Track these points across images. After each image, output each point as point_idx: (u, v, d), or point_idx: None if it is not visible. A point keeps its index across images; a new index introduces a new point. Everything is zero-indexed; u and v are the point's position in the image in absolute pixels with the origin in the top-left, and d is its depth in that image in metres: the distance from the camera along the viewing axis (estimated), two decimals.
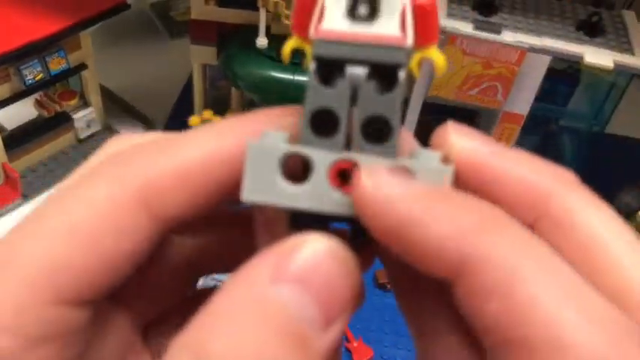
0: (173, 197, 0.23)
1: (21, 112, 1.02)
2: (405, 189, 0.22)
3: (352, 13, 0.25)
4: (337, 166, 0.24)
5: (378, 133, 0.24)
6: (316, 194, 0.24)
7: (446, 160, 0.26)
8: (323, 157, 0.24)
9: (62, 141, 1.05)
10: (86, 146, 1.06)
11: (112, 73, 1.16)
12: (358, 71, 0.24)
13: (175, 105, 1.17)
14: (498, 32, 0.89)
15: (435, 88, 0.95)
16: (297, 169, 0.25)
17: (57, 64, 0.95)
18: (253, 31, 0.89)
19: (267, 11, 0.86)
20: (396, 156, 0.24)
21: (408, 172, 0.24)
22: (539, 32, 0.92)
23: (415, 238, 0.21)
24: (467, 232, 0.21)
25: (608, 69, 0.88)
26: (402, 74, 0.24)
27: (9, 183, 0.97)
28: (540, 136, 1.08)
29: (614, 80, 0.94)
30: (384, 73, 0.24)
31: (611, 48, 0.91)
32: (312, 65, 0.25)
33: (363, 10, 0.25)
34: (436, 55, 0.27)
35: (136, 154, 0.24)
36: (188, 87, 1.15)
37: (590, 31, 0.93)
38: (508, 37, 0.89)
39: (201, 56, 0.95)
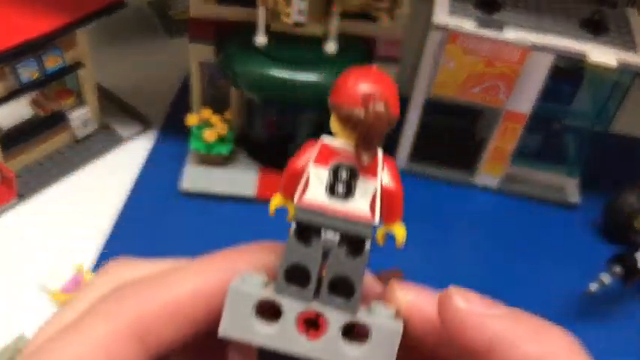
0: (163, 329, 0.28)
1: (17, 111, 1.00)
2: (494, 309, 0.29)
3: (331, 190, 0.31)
4: (305, 315, 0.29)
5: (343, 289, 0.29)
6: (285, 337, 0.28)
7: (397, 314, 0.31)
8: (293, 306, 0.29)
9: (58, 140, 1.03)
10: (83, 146, 1.05)
11: (108, 71, 1.15)
12: (331, 237, 0.30)
13: (173, 104, 1.16)
14: (501, 30, 0.88)
15: (437, 87, 0.94)
16: (270, 306, 0.29)
17: (53, 62, 0.93)
18: (252, 29, 0.88)
19: (266, 9, 0.85)
20: (356, 312, 0.29)
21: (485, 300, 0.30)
22: (542, 30, 0.91)
23: (504, 353, 0.27)
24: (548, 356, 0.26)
25: (612, 67, 0.87)
26: (367, 245, 0.30)
27: (5, 183, 0.96)
28: (543, 135, 1.07)
29: (618, 79, 0.93)
30: (353, 242, 0.30)
31: (615, 46, 0.90)
32: (293, 226, 0.30)
33: (340, 189, 0.31)
34: (398, 231, 0.32)
35: (130, 291, 0.29)
36: (186, 86, 1.14)
37: (594, 29, 0.92)
38: (511, 35, 0.88)
39: (199, 54, 0.94)
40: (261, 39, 0.88)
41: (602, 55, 0.88)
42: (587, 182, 1.08)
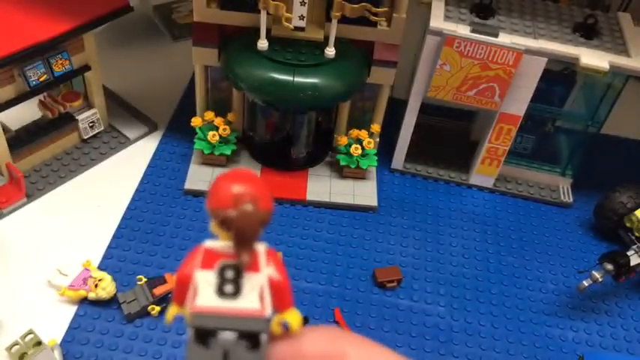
0: None
1: (25, 113, 1.03)
2: None
3: (220, 290, 0.32)
4: None
5: None
6: None
7: None
8: None
9: (66, 142, 1.06)
10: (90, 147, 1.07)
11: (115, 74, 1.18)
12: (228, 336, 0.31)
13: (178, 106, 1.18)
14: (495, 35, 0.90)
15: (434, 90, 0.97)
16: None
17: (61, 65, 0.96)
18: (254, 33, 0.91)
19: (268, 14, 0.88)
20: None
21: None
22: (535, 34, 0.93)
23: None
24: None
25: (604, 71, 0.89)
26: (264, 337, 0.31)
27: (13, 183, 0.98)
28: (537, 136, 1.09)
29: (610, 81, 0.95)
30: (250, 337, 0.31)
31: (607, 50, 0.92)
32: (190, 332, 0.31)
33: (228, 288, 0.32)
34: (291, 318, 0.33)
35: None
36: (190, 88, 1.16)
37: (586, 33, 0.94)
38: (505, 39, 0.91)
39: (203, 58, 0.96)
40: (262, 43, 0.91)
41: (594, 58, 0.90)
42: (579, 182, 1.10)
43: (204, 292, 0.31)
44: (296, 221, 1.00)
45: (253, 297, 0.32)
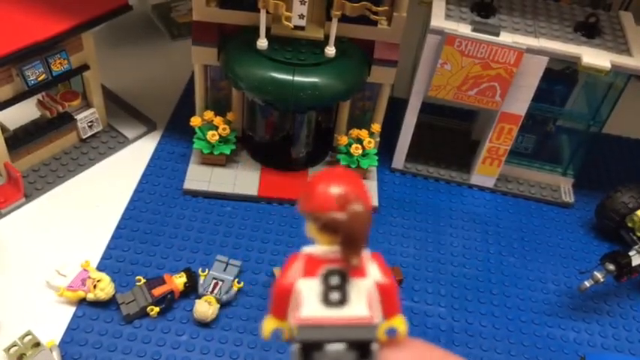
0: None
1: (23, 113, 1.02)
2: None
3: (326, 299, 0.30)
4: None
5: None
6: None
7: None
8: None
9: (64, 141, 1.05)
10: (88, 146, 1.07)
11: (113, 74, 1.17)
12: (337, 347, 0.29)
13: (177, 106, 1.18)
14: (497, 34, 0.90)
15: (435, 89, 0.96)
16: None
17: (59, 65, 0.95)
18: (254, 32, 0.90)
19: (268, 13, 0.87)
20: None
21: None
22: (537, 34, 0.93)
23: None
24: None
25: (606, 70, 0.89)
26: (374, 346, 0.29)
27: (11, 183, 0.97)
28: (538, 135, 1.09)
29: (612, 81, 0.95)
30: (359, 347, 0.29)
31: (609, 49, 0.92)
32: (295, 348, 0.29)
33: (335, 296, 0.30)
34: (399, 324, 0.31)
35: None
36: (190, 88, 1.16)
37: (588, 32, 0.94)
38: (506, 38, 0.90)
39: (202, 57, 0.96)
40: (262, 42, 0.90)
41: (595, 57, 0.90)
42: (581, 182, 1.10)
43: (309, 302, 0.30)
44: (296, 221, 0.99)
45: (361, 303, 0.30)
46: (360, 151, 1.02)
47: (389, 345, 0.31)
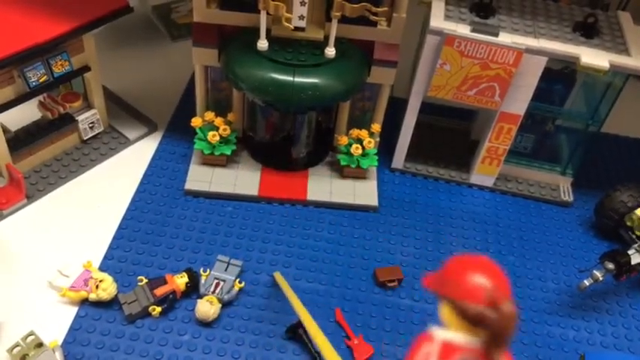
0: None
1: (25, 114, 1.03)
2: None
3: None
4: None
5: None
6: None
7: None
8: None
9: (66, 142, 1.06)
10: (90, 147, 1.07)
11: (114, 75, 1.18)
12: None
13: (178, 107, 1.18)
14: (496, 34, 0.90)
15: (434, 89, 0.97)
16: None
17: (60, 66, 0.96)
18: (254, 33, 0.91)
19: (268, 14, 0.88)
20: None
21: None
22: (536, 34, 0.93)
23: None
24: None
25: (604, 70, 0.89)
26: None
27: (13, 184, 0.98)
28: (537, 135, 1.09)
29: (611, 80, 0.95)
30: None
31: (607, 49, 0.92)
32: None
33: None
34: None
35: None
36: (190, 89, 1.16)
37: (587, 32, 0.94)
38: (505, 38, 0.91)
39: (203, 58, 0.96)
40: (262, 43, 0.91)
41: (594, 57, 0.90)
42: (580, 181, 1.10)
43: None
44: (296, 221, 1.00)
45: None
46: (360, 151, 1.02)
47: None
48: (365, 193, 1.04)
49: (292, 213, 1.01)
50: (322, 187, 1.04)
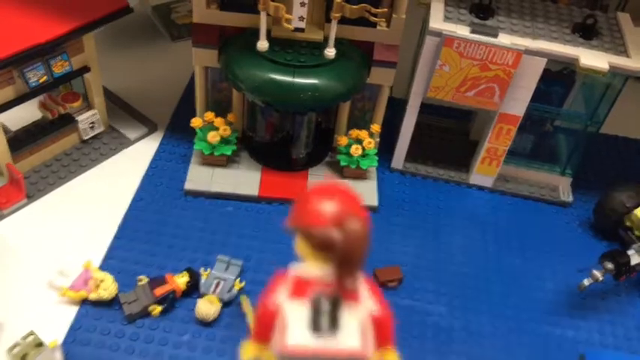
0: None
1: (25, 114, 1.03)
2: None
3: (314, 326, 0.27)
4: None
5: None
6: None
7: None
8: None
9: (66, 142, 1.06)
10: (90, 147, 1.07)
11: (114, 75, 1.18)
12: None
13: (178, 107, 1.18)
14: (495, 35, 0.90)
15: (433, 90, 0.97)
16: None
17: (60, 67, 0.96)
18: (254, 34, 0.91)
19: (268, 15, 0.88)
20: None
21: None
22: (535, 35, 0.93)
23: None
24: None
25: (604, 71, 0.90)
26: None
27: (13, 184, 0.98)
28: (536, 136, 1.10)
29: (610, 81, 0.96)
30: None
31: (606, 50, 0.93)
32: None
33: (324, 323, 0.27)
34: (392, 358, 0.29)
35: None
36: (190, 89, 1.16)
37: (586, 33, 0.95)
38: (505, 39, 0.91)
39: (203, 59, 0.96)
40: (262, 44, 0.91)
41: (593, 59, 0.90)
42: (579, 181, 1.11)
43: (296, 328, 0.27)
44: None
45: (353, 333, 0.27)
46: (360, 152, 1.02)
47: None
48: (365, 193, 1.04)
49: None
50: None
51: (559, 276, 0.98)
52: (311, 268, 0.28)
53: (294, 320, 0.27)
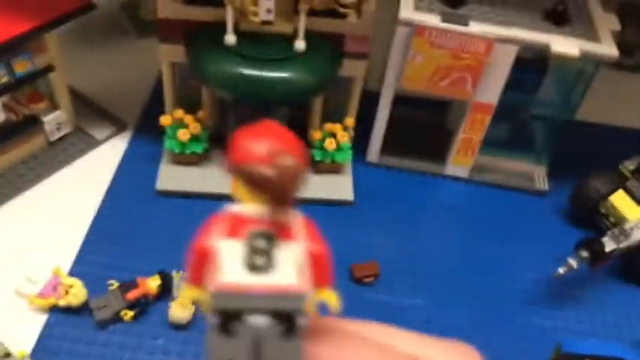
0: None
1: None
2: None
3: (249, 264, 0.26)
4: None
5: None
6: None
7: None
8: None
9: (32, 144, 1.03)
10: (57, 149, 1.04)
11: (80, 74, 1.15)
12: (259, 321, 0.25)
13: (146, 104, 1.16)
14: (466, 24, 0.89)
15: (406, 81, 0.96)
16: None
17: (22, 66, 0.93)
18: (221, 28, 0.89)
19: (234, 8, 0.86)
20: None
21: None
22: (506, 23, 0.92)
23: None
24: None
25: (575, 57, 0.89)
26: (301, 320, 0.26)
27: None
28: (511, 124, 1.09)
29: (582, 68, 0.95)
30: (284, 320, 0.26)
31: (577, 36, 0.92)
32: (212, 318, 0.26)
33: (260, 261, 0.26)
34: (330, 297, 0.29)
35: None
36: (159, 86, 1.14)
37: (557, 20, 0.94)
38: (476, 28, 0.90)
39: (169, 55, 0.94)
40: (230, 38, 0.89)
41: (564, 45, 0.90)
42: (554, 169, 1.10)
43: (230, 266, 0.26)
44: None
45: (289, 270, 0.26)
46: (334, 146, 1.01)
47: (315, 334, 0.28)
48: (340, 187, 1.03)
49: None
50: None
51: (536, 265, 0.98)
52: (246, 207, 0.27)
53: (228, 258, 0.26)
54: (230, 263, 0.26)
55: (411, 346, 0.32)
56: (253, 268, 0.26)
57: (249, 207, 0.27)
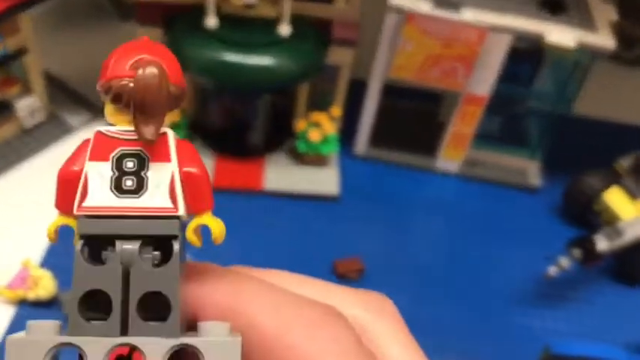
0: None
1: None
2: None
3: (118, 186, 0.24)
4: (115, 354, 0.24)
5: (156, 309, 0.23)
6: None
7: (234, 329, 0.25)
8: (96, 347, 0.23)
9: (4, 131, 0.99)
10: (31, 136, 1.00)
11: (57, 58, 1.11)
12: (129, 247, 0.24)
13: None
14: (458, 11, 0.86)
15: (396, 70, 0.92)
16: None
17: None
18: (202, 11, 0.85)
19: None
20: (179, 334, 0.23)
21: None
22: (500, 10, 0.89)
23: None
24: None
25: (570, 48, 0.86)
26: (176, 246, 0.24)
27: None
28: (504, 117, 1.06)
29: (578, 59, 0.92)
30: (158, 246, 0.24)
31: (573, 26, 0.89)
32: (78, 244, 0.24)
33: (128, 183, 0.24)
34: (211, 222, 0.26)
35: None
36: None
37: (552, 8, 0.91)
38: (468, 15, 0.86)
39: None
40: (211, 21, 0.85)
41: (560, 35, 0.87)
42: (548, 165, 1.07)
43: (97, 189, 0.25)
44: (252, 212, 0.95)
45: (162, 192, 0.25)
46: (320, 137, 0.97)
47: (207, 275, 0.26)
48: (325, 180, 0.99)
49: (247, 203, 0.96)
50: (280, 175, 0.99)
51: (526, 264, 0.95)
52: (116, 128, 0.25)
53: (95, 181, 0.25)
54: (97, 187, 0.25)
55: (324, 294, 0.29)
56: (122, 191, 0.25)
57: (119, 128, 0.26)
